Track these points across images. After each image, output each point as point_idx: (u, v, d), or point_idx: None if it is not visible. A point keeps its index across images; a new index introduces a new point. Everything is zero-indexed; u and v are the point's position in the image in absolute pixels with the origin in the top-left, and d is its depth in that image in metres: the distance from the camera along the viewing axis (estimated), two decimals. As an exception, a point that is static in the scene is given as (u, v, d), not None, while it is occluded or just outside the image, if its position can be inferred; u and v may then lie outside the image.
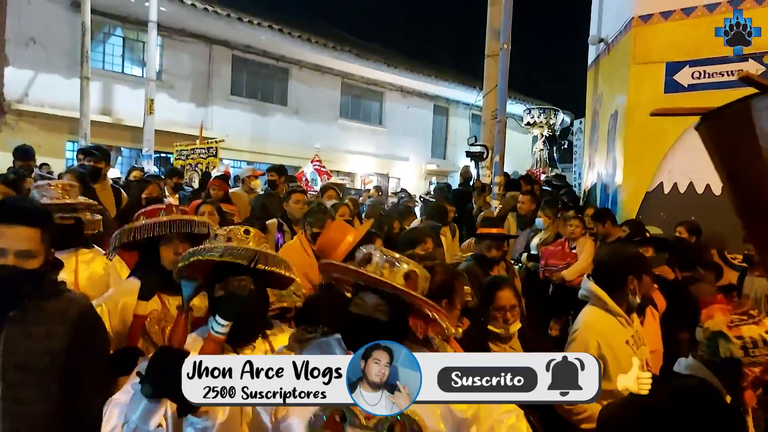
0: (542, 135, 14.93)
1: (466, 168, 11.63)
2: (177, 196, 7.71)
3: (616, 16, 8.39)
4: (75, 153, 11.88)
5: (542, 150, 14.78)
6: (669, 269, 5.05)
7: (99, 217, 3.42)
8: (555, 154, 14.83)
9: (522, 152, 20.85)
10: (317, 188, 11.14)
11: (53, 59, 13.15)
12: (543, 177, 11.77)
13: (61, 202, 3.06)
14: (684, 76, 7.02)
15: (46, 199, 3.01)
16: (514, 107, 20.22)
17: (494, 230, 4.98)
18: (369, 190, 12.73)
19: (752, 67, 6.64)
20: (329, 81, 19.26)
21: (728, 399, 2.21)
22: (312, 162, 12.49)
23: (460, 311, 2.82)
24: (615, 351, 2.96)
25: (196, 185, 10.09)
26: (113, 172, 9.94)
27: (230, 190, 7.87)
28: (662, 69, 7.14)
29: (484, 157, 10.64)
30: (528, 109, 16.58)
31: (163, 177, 8.55)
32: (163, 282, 2.58)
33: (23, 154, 6.93)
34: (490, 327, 3.11)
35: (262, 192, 7.78)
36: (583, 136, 11.57)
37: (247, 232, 2.18)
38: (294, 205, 5.73)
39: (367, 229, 3.85)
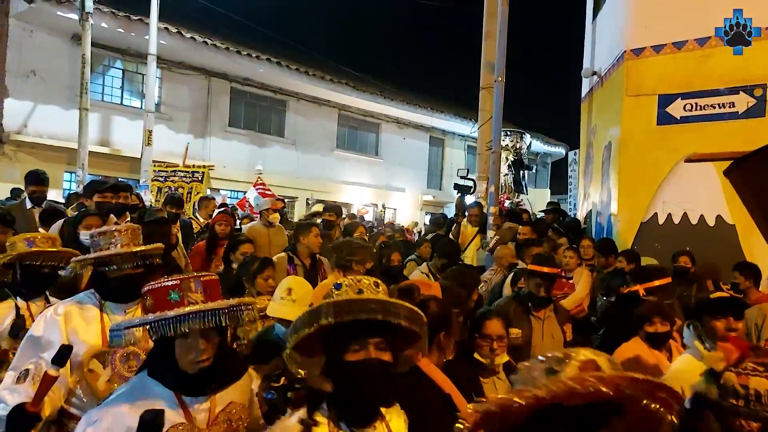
0: (507, 159, 14.23)
1: (461, 199, 11.66)
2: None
3: (608, 50, 8.53)
4: (80, 187, 11.81)
5: (507, 174, 14.01)
6: None
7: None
8: (522, 180, 14.17)
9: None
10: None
11: (53, 91, 13.28)
12: (507, 203, 11.53)
13: (134, 250, 2.76)
14: (676, 109, 7.12)
15: (114, 248, 2.74)
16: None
17: (546, 269, 4.54)
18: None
19: (743, 100, 6.75)
20: (326, 112, 19.45)
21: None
22: (255, 186, 11.60)
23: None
24: None
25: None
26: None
27: (249, 224, 7.45)
28: (654, 101, 7.24)
29: (472, 192, 10.68)
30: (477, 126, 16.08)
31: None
32: (182, 387, 1.97)
33: (37, 179, 6.33)
34: (475, 356, 3.09)
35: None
36: (577, 168, 11.66)
37: (377, 284, 1.81)
38: (315, 239, 5.49)
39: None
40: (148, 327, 1.88)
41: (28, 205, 6.21)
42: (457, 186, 10.82)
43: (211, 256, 5.88)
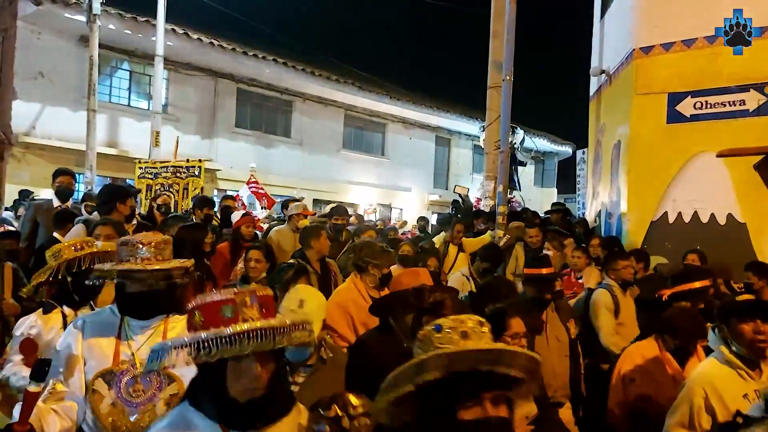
0: None
1: (465, 200, 11.63)
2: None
3: (616, 48, 8.49)
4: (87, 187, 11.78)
5: None
6: None
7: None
8: (515, 176, 13.75)
9: (522, 182, 20.92)
10: (256, 213, 10.31)
11: (61, 93, 13.33)
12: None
13: (154, 268, 2.48)
14: (686, 107, 7.08)
15: (136, 261, 2.48)
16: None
17: (544, 270, 4.36)
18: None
19: (753, 98, 6.71)
20: (332, 113, 19.47)
21: None
22: (248, 183, 11.27)
23: None
24: (727, 403, 2.78)
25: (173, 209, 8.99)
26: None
27: (276, 228, 7.26)
28: (664, 100, 7.20)
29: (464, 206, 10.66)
30: (482, 126, 15.90)
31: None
32: (229, 419, 1.76)
33: (64, 171, 6.25)
34: None
35: None
36: (586, 167, 11.62)
37: (481, 323, 1.58)
38: (325, 242, 5.35)
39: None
40: (196, 347, 1.63)
41: (55, 203, 6.04)
42: (455, 203, 10.76)
43: (235, 258, 5.68)
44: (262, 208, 11.45)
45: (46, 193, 8.79)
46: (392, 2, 33.99)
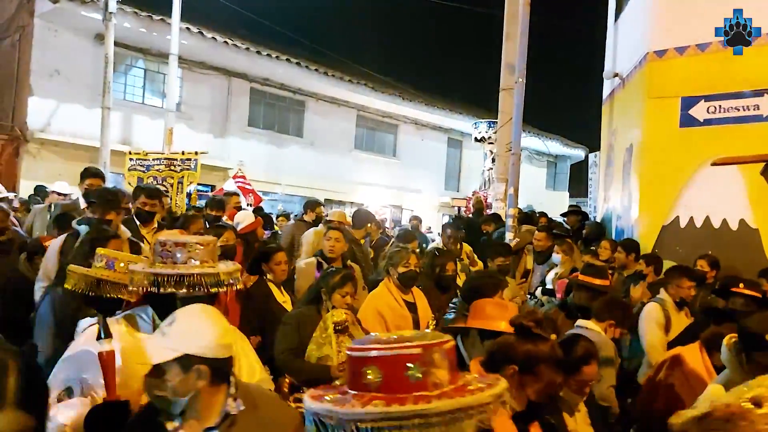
0: (491, 152, 13.27)
1: (479, 199, 11.64)
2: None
3: (630, 51, 8.45)
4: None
5: (491, 169, 13.09)
6: None
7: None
8: None
9: (533, 185, 20.93)
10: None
11: (76, 90, 13.46)
12: (491, 198, 11.00)
13: (223, 271, 2.28)
14: (699, 111, 7.02)
15: (194, 263, 2.27)
16: (529, 140, 20.38)
17: (597, 281, 4.29)
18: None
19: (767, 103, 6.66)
20: (345, 113, 19.51)
21: None
22: (234, 178, 10.93)
23: None
24: None
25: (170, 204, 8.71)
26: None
27: (313, 228, 6.92)
28: (677, 103, 7.15)
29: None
30: (475, 123, 15.91)
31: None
32: None
33: (93, 173, 5.96)
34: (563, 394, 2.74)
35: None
36: (598, 170, 11.56)
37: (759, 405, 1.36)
38: (326, 243, 5.24)
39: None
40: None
41: (82, 204, 5.72)
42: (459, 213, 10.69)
43: (247, 260, 5.65)
44: (248, 204, 11.42)
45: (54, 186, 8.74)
46: (405, 4, 34.04)
